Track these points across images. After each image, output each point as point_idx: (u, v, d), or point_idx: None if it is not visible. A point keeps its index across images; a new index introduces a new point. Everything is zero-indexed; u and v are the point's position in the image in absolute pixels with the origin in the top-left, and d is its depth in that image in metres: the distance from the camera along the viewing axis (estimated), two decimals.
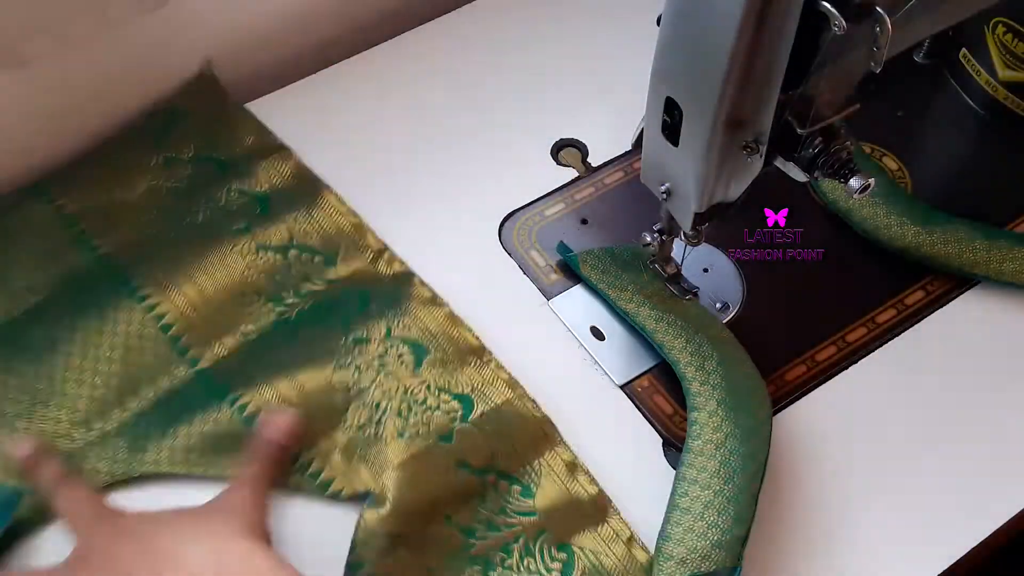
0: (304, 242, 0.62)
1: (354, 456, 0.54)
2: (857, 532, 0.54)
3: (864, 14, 0.40)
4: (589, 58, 0.74)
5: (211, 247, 0.62)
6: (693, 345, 0.58)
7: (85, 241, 0.62)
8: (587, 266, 0.62)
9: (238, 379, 0.57)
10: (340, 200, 0.64)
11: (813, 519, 0.55)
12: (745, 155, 0.47)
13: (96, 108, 0.67)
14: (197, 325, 0.59)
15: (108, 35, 0.63)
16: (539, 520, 0.53)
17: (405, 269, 0.62)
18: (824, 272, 0.63)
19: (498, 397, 0.56)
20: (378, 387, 0.56)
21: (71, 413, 0.55)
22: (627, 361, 0.60)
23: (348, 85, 0.72)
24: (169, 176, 0.65)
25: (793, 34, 0.41)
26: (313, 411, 0.56)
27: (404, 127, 0.71)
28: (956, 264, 0.62)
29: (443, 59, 0.74)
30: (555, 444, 0.56)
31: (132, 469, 0.54)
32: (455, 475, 0.53)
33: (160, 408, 0.56)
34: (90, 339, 0.58)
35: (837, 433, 0.58)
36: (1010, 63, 0.67)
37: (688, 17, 0.43)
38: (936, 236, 0.62)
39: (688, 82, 0.45)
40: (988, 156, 0.71)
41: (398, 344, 0.58)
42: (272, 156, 0.66)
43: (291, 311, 0.60)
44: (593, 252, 0.63)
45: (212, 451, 0.54)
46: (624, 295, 0.61)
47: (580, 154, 0.70)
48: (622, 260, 0.63)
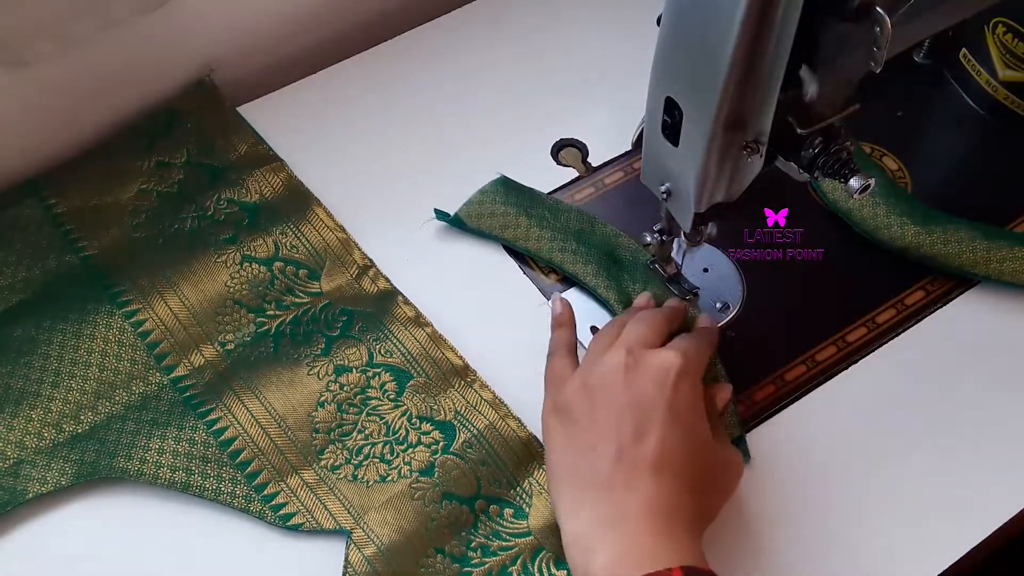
0: (290, 255, 0.63)
1: (321, 493, 0.55)
2: (857, 532, 0.54)
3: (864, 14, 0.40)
4: (589, 58, 0.74)
5: (196, 256, 0.62)
6: (604, 271, 0.60)
7: (72, 242, 0.63)
8: (471, 219, 0.63)
9: (212, 394, 0.57)
10: (329, 214, 0.65)
11: (812, 519, 0.55)
12: (745, 155, 0.47)
13: (94, 107, 0.67)
14: (176, 334, 0.59)
15: (109, 35, 0.64)
16: (535, 539, 0.53)
17: (389, 287, 0.62)
18: (824, 272, 0.63)
19: (480, 422, 0.56)
20: (360, 431, 0.57)
21: (44, 413, 0.56)
22: None
23: (347, 85, 0.73)
24: (160, 180, 0.65)
25: (793, 34, 0.41)
26: (288, 445, 0.56)
27: (403, 127, 0.71)
28: (956, 264, 0.62)
29: (443, 59, 0.74)
30: (543, 462, 0.56)
31: (99, 472, 0.54)
32: (441, 508, 0.54)
33: (133, 414, 0.56)
34: (68, 342, 0.58)
35: (837, 433, 0.58)
36: (1010, 63, 0.67)
37: (688, 17, 0.43)
38: (936, 236, 0.62)
39: (688, 82, 0.45)
40: (988, 156, 0.71)
41: (380, 372, 0.58)
42: (264, 167, 0.66)
43: (271, 324, 0.60)
44: (472, 201, 0.64)
45: (184, 470, 0.55)
46: (519, 232, 0.61)
47: (580, 154, 0.70)
48: (504, 192, 0.63)
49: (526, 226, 0.62)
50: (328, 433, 0.56)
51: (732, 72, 0.42)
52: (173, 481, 0.54)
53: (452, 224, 0.63)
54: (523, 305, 0.62)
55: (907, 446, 0.57)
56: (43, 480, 0.54)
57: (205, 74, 0.70)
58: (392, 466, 0.55)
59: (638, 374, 0.50)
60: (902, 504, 0.55)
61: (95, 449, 0.55)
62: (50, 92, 0.64)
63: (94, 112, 0.67)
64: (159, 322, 0.60)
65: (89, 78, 0.65)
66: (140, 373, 0.58)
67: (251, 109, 0.70)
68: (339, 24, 0.76)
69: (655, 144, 0.50)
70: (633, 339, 0.53)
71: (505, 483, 0.55)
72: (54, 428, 0.56)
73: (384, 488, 0.55)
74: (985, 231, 0.63)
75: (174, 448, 0.55)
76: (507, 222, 0.63)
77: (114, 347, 0.59)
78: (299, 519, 0.54)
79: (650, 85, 0.48)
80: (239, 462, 0.55)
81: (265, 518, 0.54)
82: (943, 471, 0.57)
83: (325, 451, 0.56)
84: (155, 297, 0.61)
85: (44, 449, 0.55)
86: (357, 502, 0.54)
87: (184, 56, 0.69)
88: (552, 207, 0.64)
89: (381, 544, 0.53)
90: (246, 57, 0.73)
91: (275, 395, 0.57)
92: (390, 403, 0.57)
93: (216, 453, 0.55)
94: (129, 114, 0.68)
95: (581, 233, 0.63)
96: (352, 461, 0.56)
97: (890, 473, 0.57)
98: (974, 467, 0.57)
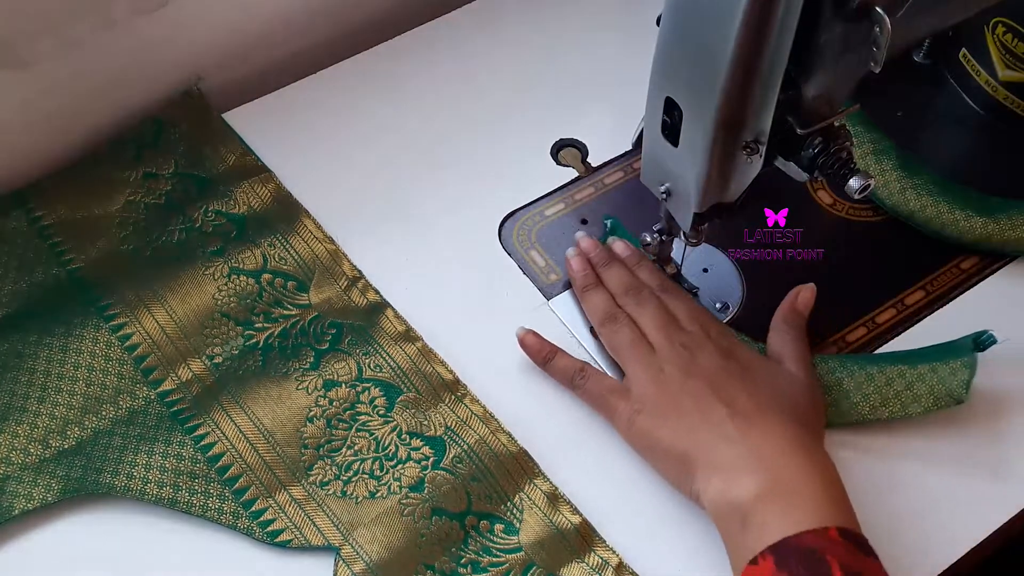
0: (278, 267, 0.62)
1: (309, 509, 0.54)
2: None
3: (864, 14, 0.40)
4: (589, 58, 0.74)
5: (184, 269, 0.62)
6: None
7: (59, 255, 0.62)
8: None
9: (200, 409, 0.57)
10: (318, 226, 0.64)
11: None
12: (745, 155, 0.47)
13: (79, 117, 0.66)
14: (164, 348, 0.59)
15: (107, 37, 0.63)
16: (526, 555, 0.53)
17: (379, 299, 0.61)
18: (824, 272, 0.63)
19: (471, 437, 0.56)
20: (349, 447, 0.56)
21: (30, 429, 0.55)
22: None
23: (347, 87, 0.72)
24: (148, 192, 0.65)
25: (793, 34, 0.41)
26: (276, 461, 0.55)
27: (403, 127, 0.70)
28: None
29: (443, 59, 0.74)
30: (534, 476, 0.55)
31: (86, 488, 0.54)
32: (431, 524, 0.53)
33: (120, 429, 0.56)
34: (55, 356, 0.58)
35: (837, 433, 0.58)
36: (1010, 63, 0.67)
37: (688, 17, 0.43)
38: (1004, 223, 0.63)
39: (688, 82, 0.45)
40: (988, 156, 0.71)
41: (370, 387, 0.58)
42: (252, 178, 0.66)
43: (259, 337, 0.59)
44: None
45: (171, 486, 0.54)
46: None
47: (580, 154, 0.70)
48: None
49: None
50: (317, 449, 0.56)
51: (732, 72, 0.42)
52: (160, 497, 0.54)
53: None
54: (516, 317, 0.61)
55: (907, 446, 0.57)
56: (29, 496, 0.53)
57: (192, 83, 0.69)
58: (381, 482, 0.55)
59: (701, 355, 0.55)
60: (902, 504, 0.55)
61: (82, 465, 0.54)
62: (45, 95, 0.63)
63: (79, 122, 0.66)
64: (146, 336, 0.59)
65: (73, 87, 0.64)
66: (127, 387, 0.57)
67: (239, 115, 0.70)
68: (338, 25, 0.76)
69: (655, 144, 0.50)
70: (660, 322, 0.57)
71: (496, 498, 0.54)
72: (40, 444, 0.55)
73: (373, 504, 0.54)
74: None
75: (161, 464, 0.55)
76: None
77: (101, 361, 0.58)
78: (287, 536, 0.53)
79: (650, 85, 0.48)
80: (227, 478, 0.55)
81: (253, 535, 0.53)
82: (943, 471, 0.56)
83: (314, 467, 0.55)
84: (142, 310, 0.60)
85: (30, 465, 0.54)
86: (346, 518, 0.54)
87: (171, 63, 0.68)
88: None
89: (370, 561, 0.52)
90: (234, 62, 0.72)
91: (263, 410, 0.57)
92: (380, 418, 0.57)
93: (204, 469, 0.55)
94: (114, 124, 0.67)
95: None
96: (341, 477, 0.55)
97: (890, 473, 0.56)
98: (974, 467, 0.57)
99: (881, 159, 0.65)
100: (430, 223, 0.66)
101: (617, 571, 0.52)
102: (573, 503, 0.55)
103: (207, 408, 0.57)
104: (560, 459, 0.56)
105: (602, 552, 0.53)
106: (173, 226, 0.64)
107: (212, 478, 0.55)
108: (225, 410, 0.57)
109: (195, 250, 0.63)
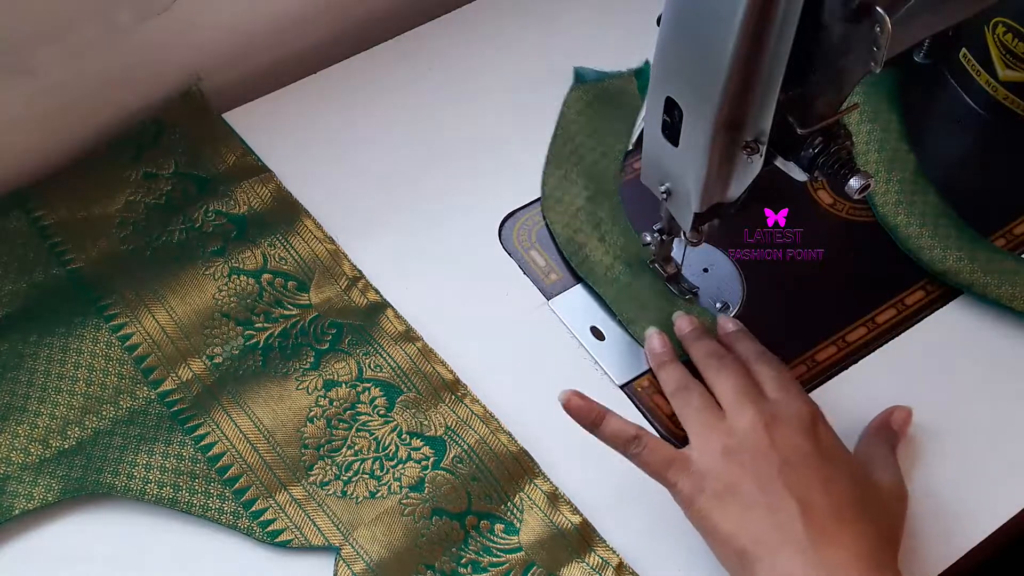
0: (278, 267, 0.62)
1: (310, 509, 0.54)
2: None
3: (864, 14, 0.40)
4: (589, 58, 0.74)
5: (184, 269, 0.62)
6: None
7: (59, 255, 0.62)
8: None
9: (200, 409, 0.57)
10: (318, 225, 0.64)
11: None
12: (745, 155, 0.47)
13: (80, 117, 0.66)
14: (164, 348, 0.59)
15: (109, 40, 0.63)
16: (526, 555, 0.53)
17: (379, 299, 0.61)
18: (824, 272, 0.63)
19: (471, 437, 0.56)
20: (350, 447, 0.56)
21: (31, 429, 0.55)
22: (627, 361, 0.60)
23: (346, 87, 0.72)
24: (148, 191, 0.65)
25: (793, 34, 0.41)
26: (277, 461, 0.55)
27: (403, 128, 0.70)
28: (994, 295, 0.61)
29: (442, 58, 0.74)
30: (534, 476, 0.55)
31: (86, 488, 0.54)
32: (431, 524, 0.53)
33: (120, 429, 0.56)
34: (55, 356, 0.58)
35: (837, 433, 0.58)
36: (1010, 63, 0.67)
37: (688, 17, 0.43)
38: (978, 264, 0.62)
39: (688, 82, 0.45)
40: (988, 156, 0.71)
41: (370, 387, 0.58)
42: (252, 178, 0.66)
43: (260, 337, 0.59)
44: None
45: (171, 486, 0.54)
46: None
47: None
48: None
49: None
50: (317, 449, 0.56)
51: (732, 72, 0.42)
52: (160, 497, 0.54)
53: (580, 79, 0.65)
54: (516, 316, 0.62)
55: (906, 446, 0.57)
56: (29, 496, 0.53)
57: (192, 83, 0.69)
58: (382, 482, 0.55)
59: (778, 429, 0.50)
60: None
61: (82, 465, 0.54)
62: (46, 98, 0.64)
63: (79, 122, 0.66)
64: (146, 335, 0.59)
65: (73, 87, 0.64)
66: (127, 388, 0.57)
67: (239, 115, 0.70)
68: (337, 26, 0.76)
69: (655, 144, 0.50)
70: (737, 387, 0.52)
71: (496, 498, 0.54)
72: (40, 444, 0.55)
73: (374, 504, 0.54)
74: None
75: (161, 464, 0.55)
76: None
77: (101, 361, 0.58)
78: (288, 536, 0.53)
79: (650, 85, 0.48)
80: (227, 478, 0.55)
81: (253, 535, 0.53)
82: (943, 471, 0.56)
83: (314, 467, 0.55)
84: (142, 310, 0.60)
85: (30, 465, 0.54)
86: (346, 518, 0.54)
87: (171, 64, 0.68)
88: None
89: (370, 561, 0.52)
90: (234, 61, 0.72)
91: (264, 410, 0.57)
92: (380, 419, 0.57)
93: (204, 469, 0.55)
94: (115, 124, 0.67)
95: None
96: (341, 477, 0.55)
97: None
98: (974, 467, 0.57)
99: (893, 167, 0.65)
100: (430, 223, 0.66)
101: (617, 571, 0.52)
102: (573, 503, 0.55)
103: (207, 408, 0.57)
104: (560, 459, 0.56)
105: (602, 552, 0.53)
106: (173, 226, 0.64)
107: (212, 478, 0.55)
108: (225, 410, 0.57)
109: (195, 250, 0.63)
